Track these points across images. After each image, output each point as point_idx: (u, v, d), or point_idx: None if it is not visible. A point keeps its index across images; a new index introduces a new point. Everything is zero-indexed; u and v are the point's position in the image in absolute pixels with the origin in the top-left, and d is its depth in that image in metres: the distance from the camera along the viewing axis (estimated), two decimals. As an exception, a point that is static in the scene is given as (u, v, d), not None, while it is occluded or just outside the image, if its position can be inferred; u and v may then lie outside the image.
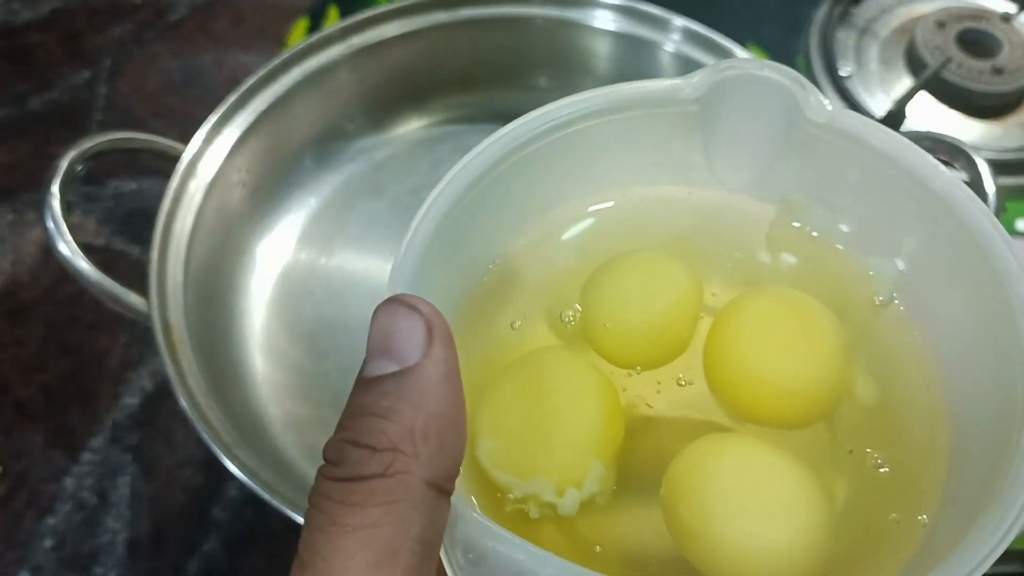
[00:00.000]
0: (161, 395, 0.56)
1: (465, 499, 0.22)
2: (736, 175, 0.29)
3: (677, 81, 0.27)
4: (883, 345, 0.27)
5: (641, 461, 0.26)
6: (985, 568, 0.20)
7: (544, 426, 0.25)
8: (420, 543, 0.19)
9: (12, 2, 0.76)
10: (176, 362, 0.46)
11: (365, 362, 0.20)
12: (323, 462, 0.20)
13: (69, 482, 0.53)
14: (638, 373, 0.27)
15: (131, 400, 0.56)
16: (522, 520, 0.25)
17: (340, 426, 0.20)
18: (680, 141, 0.28)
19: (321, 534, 0.18)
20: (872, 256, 0.28)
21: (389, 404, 0.19)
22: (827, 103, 0.27)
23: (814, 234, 0.28)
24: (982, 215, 0.24)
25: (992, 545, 0.20)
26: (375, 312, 0.21)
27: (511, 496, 0.25)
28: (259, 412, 0.52)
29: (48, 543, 0.52)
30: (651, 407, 0.27)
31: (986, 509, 0.21)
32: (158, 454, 0.54)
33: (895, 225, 0.27)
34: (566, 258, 0.29)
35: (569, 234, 0.29)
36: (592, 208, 0.29)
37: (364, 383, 0.20)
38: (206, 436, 0.44)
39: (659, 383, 0.27)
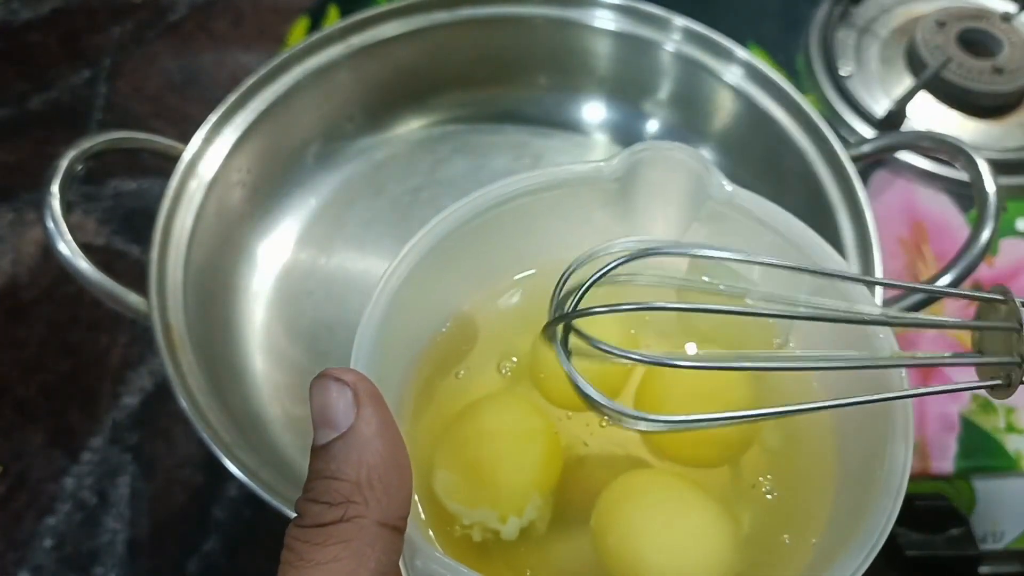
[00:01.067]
0: (161, 395, 0.56)
1: (423, 533, 0.26)
2: (650, 238, 0.33)
3: (599, 163, 0.32)
4: (784, 393, 0.31)
5: (576, 494, 0.30)
6: None
7: (490, 462, 0.29)
8: (376, 573, 0.22)
9: (12, 2, 0.76)
10: (176, 362, 0.46)
11: (314, 433, 0.24)
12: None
13: (69, 482, 0.53)
14: (568, 419, 0.32)
15: (131, 400, 0.56)
16: (468, 544, 0.29)
17: (304, 488, 0.24)
18: (602, 212, 0.33)
19: (291, 568, 0.22)
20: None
21: (336, 466, 0.23)
22: (726, 184, 0.32)
23: (721, 287, 0.31)
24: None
25: (857, 563, 0.25)
26: (310, 388, 0.24)
27: (461, 523, 0.29)
28: (259, 412, 0.52)
29: (48, 543, 0.52)
30: (587, 445, 0.31)
31: (856, 533, 0.26)
32: (158, 454, 0.54)
33: (784, 286, 0.31)
34: (503, 318, 0.34)
35: (504, 298, 0.34)
36: (518, 277, 0.34)
37: (315, 451, 0.24)
38: (206, 436, 0.44)
39: (588, 424, 0.32)
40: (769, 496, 0.30)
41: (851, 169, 0.52)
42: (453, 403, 0.32)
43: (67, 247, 0.47)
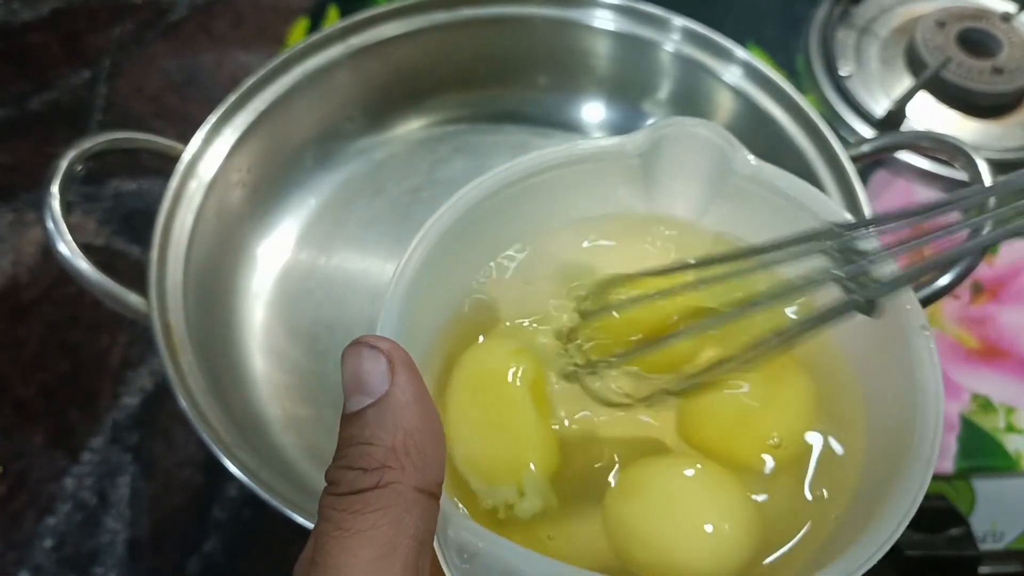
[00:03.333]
0: (161, 395, 0.56)
1: (454, 504, 0.25)
2: (673, 215, 0.33)
3: (622, 138, 0.32)
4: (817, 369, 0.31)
5: (584, 473, 0.30)
6: (883, 551, 0.24)
7: (498, 442, 0.29)
8: (415, 540, 0.22)
9: (12, 2, 0.76)
10: (176, 362, 0.46)
11: (344, 401, 0.23)
12: (326, 484, 0.23)
13: (69, 482, 0.53)
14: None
15: (131, 400, 0.56)
16: (491, 519, 0.28)
17: (335, 456, 0.23)
18: (624, 188, 0.33)
19: (329, 539, 0.22)
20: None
21: (371, 431, 0.22)
22: (752, 159, 0.31)
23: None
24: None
25: (888, 533, 0.25)
26: (343, 356, 0.24)
27: (482, 498, 0.28)
28: (259, 412, 0.52)
29: (48, 543, 0.52)
30: (599, 420, 0.31)
31: (884, 505, 0.25)
32: (158, 454, 0.54)
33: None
34: (523, 291, 0.33)
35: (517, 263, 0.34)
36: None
37: (347, 418, 0.23)
38: (206, 436, 0.44)
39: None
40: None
41: (851, 169, 0.52)
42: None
43: (67, 247, 0.47)
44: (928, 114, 0.67)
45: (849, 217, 0.30)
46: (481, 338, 0.32)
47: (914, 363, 0.28)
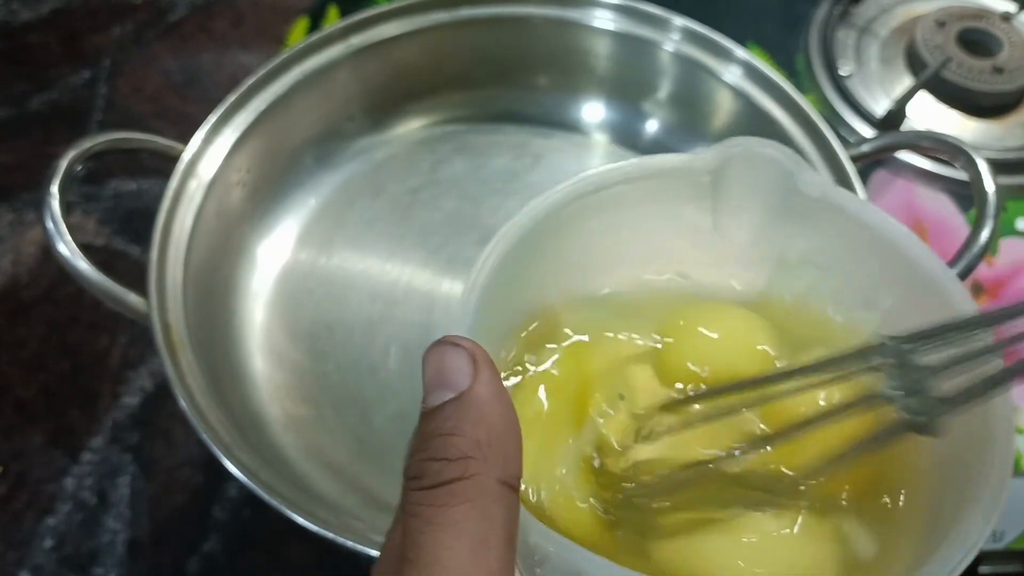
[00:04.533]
0: (161, 395, 0.56)
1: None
2: (737, 235, 0.33)
3: (691, 156, 0.32)
4: None
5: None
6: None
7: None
8: (503, 530, 0.22)
9: (12, 2, 0.76)
10: (176, 362, 0.46)
11: (424, 398, 0.23)
12: (405, 481, 0.23)
13: (69, 482, 0.53)
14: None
15: (131, 400, 0.56)
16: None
17: (416, 450, 0.23)
18: (691, 205, 0.33)
19: (420, 535, 0.21)
20: (855, 310, 0.32)
21: (454, 424, 0.22)
22: (819, 181, 0.31)
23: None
24: (949, 280, 0.29)
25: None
26: (425, 355, 0.24)
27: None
28: (259, 412, 0.52)
29: (48, 543, 0.52)
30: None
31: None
32: (158, 454, 0.54)
33: (874, 285, 0.31)
34: (588, 315, 0.33)
35: (592, 293, 0.34)
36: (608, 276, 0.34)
37: (428, 413, 0.23)
38: (206, 436, 0.44)
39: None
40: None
41: (851, 169, 0.52)
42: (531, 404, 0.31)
43: (67, 247, 0.47)
44: (928, 114, 0.67)
45: (931, 255, 0.30)
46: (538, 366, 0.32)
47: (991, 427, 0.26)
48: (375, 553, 0.40)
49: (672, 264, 0.34)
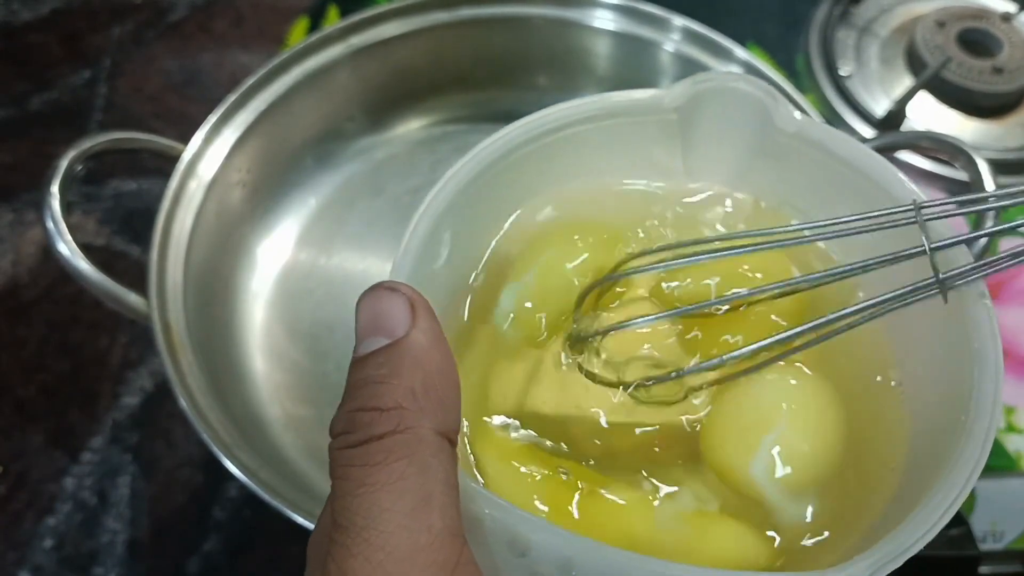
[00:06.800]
0: (161, 395, 0.56)
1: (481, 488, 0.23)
2: (711, 178, 0.31)
3: (659, 91, 0.29)
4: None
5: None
6: (932, 533, 0.22)
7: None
8: (445, 484, 0.20)
9: (12, 2, 0.76)
10: (176, 362, 0.46)
11: (356, 345, 0.22)
12: (331, 439, 0.21)
13: (69, 482, 0.53)
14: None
15: (131, 400, 0.56)
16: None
17: (343, 401, 0.21)
18: (661, 146, 0.30)
19: (354, 498, 0.19)
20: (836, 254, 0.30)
21: (387, 371, 0.21)
22: (796, 114, 0.29)
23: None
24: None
25: (939, 513, 0.23)
26: (360, 300, 0.22)
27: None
28: (259, 412, 0.52)
29: (48, 543, 0.52)
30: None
31: (936, 482, 0.23)
32: (158, 454, 0.54)
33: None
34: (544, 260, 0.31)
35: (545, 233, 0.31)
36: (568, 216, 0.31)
37: (359, 361, 0.21)
38: (206, 436, 0.44)
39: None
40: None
41: (851, 169, 0.52)
42: (493, 351, 0.29)
43: (67, 247, 0.47)
44: (928, 114, 0.67)
45: (914, 189, 0.28)
46: (500, 312, 0.30)
47: (971, 334, 0.25)
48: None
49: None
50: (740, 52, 0.58)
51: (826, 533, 0.26)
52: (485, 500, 0.22)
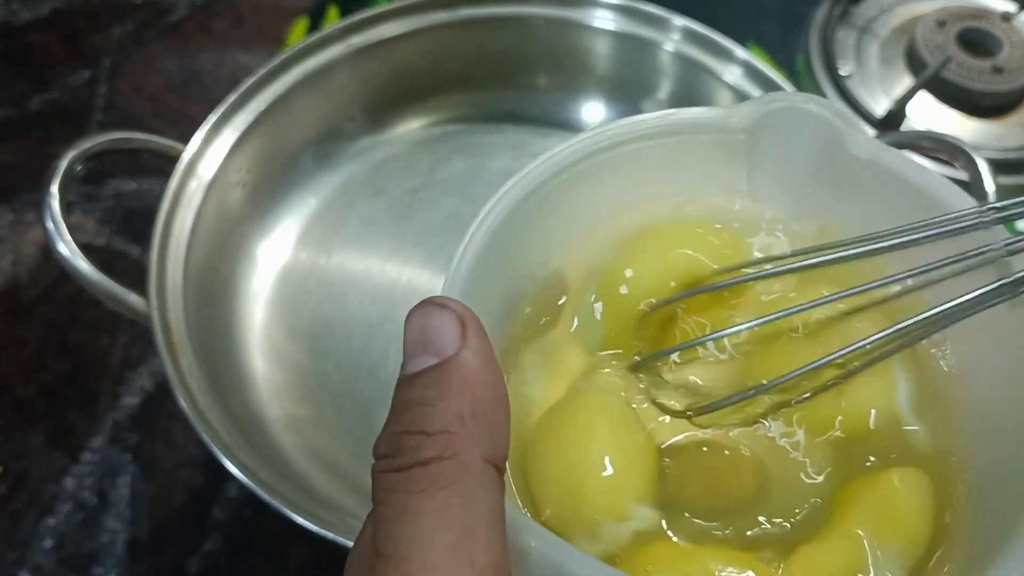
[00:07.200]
0: (161, 395, 0.56)
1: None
2: (775, 200, 0.30)
3: (726, 110, 0.29)
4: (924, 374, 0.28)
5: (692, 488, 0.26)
6: None
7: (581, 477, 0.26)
8: (491, 516, 0.19)
9: (12, 2, 0.76)
10: (176, 362, 0.46)
11: (404, 363, 0.21)
12: (374, 460, 0.20)
13: (69, 482, 0.53)
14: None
15: (131, 400, 0.56)
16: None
17: (389, 423, 0.20)
18: (725, 166, 0.29)
19: (396, 526, 0.19)
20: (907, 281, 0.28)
21: (434, 392, 0.20)
22: (869, 141, 0.28)
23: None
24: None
25: None
26: (408, 316, 0.21)
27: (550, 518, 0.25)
28: (259, 412, 0.52)
29: (48, 543, 0.52)
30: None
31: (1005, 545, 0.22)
32: (158, 454, 0.54)
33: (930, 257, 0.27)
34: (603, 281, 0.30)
35: (606, 257, 0.30)
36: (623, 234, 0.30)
37: (406, 380, 0.20)
38: (206, 436, 0.44)
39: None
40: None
41: (851, 169, 0.52)
42: (538, 377, 0.28)
43: (67, 247, 0.47)
44: (928, 114, 0.67)
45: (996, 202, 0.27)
46: (546, 336, 0.29)
47: None
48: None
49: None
50: (740, 52, 0.58)
51: None
52: (531, 532, 0.21)
